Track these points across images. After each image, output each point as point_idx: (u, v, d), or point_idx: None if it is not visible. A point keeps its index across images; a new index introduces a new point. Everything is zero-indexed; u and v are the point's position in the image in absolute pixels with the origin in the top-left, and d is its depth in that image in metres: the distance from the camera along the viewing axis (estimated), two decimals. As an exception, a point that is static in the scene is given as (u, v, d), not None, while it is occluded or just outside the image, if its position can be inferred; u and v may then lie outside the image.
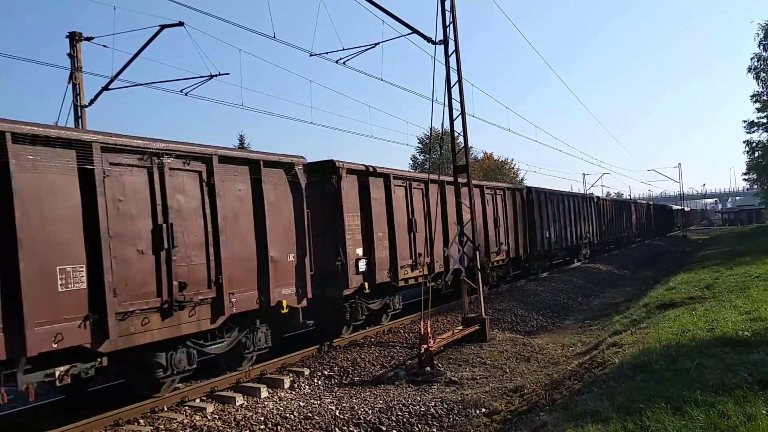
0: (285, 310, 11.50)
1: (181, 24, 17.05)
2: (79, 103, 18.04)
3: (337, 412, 9.36)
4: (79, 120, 18.04)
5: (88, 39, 18.05)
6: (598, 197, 39.22)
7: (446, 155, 43.87)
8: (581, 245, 33.82)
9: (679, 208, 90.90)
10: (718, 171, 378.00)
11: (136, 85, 18.90)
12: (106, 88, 18.30)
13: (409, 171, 16.49)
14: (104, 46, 18.33)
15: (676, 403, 6.29)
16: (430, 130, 16.06)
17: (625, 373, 8.34)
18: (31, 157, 7.57)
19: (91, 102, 18.36)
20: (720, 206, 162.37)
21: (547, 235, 27.43)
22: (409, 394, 10.45)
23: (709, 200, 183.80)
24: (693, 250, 44.01)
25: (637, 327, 12.97)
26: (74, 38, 17.88)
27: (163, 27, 17.34)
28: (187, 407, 9.61)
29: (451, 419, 9.17)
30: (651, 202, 74.32)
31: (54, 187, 7.85)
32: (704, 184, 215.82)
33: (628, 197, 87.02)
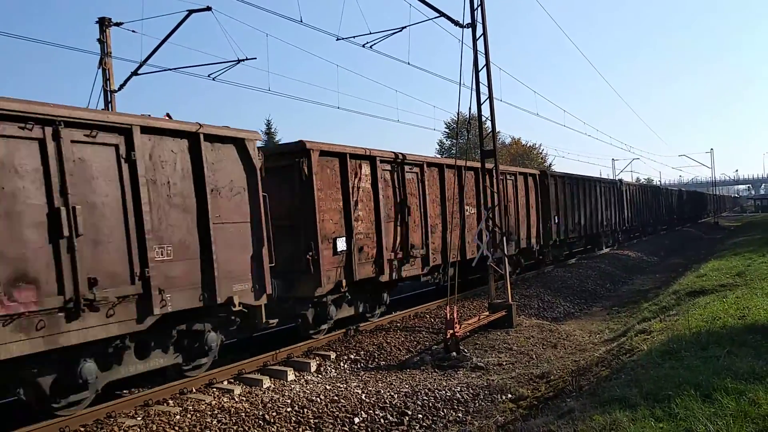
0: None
1: (208, 9, 17.12)
2: (109, 88, 18.24)
3: (363, 395, 9.41)
4: (109, 105, 18.26)
5: (118, 24, 18.22)
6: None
7: (473, 140, 43.62)
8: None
9: (711, 194, 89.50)
10: (751, 157, 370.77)
11: (165, 70, 19.02)
12: (135, 73, 18.48)
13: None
14: (133, 31, 18.49)
15: (705, 391, 6.22)
16: (458, 114, 15.91)
17: (653, 360, 8.26)
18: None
19: (121, 87, 18.56)
20: (753, 192, 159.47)
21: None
22: (434, 379, 10.48)
23: (741, 186, 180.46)
24: (724, 237, 43.28)
25: (667, 314, 12.83)
26: (104, 24, 18.06)
27: (190, 12, 17.43)
28: (215, 389, 9.72)
29: (477, 404, 9.17)
30: (682, 188, 73.21)
31: None
32: (737, 170, 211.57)
33: (658, 183, 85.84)
